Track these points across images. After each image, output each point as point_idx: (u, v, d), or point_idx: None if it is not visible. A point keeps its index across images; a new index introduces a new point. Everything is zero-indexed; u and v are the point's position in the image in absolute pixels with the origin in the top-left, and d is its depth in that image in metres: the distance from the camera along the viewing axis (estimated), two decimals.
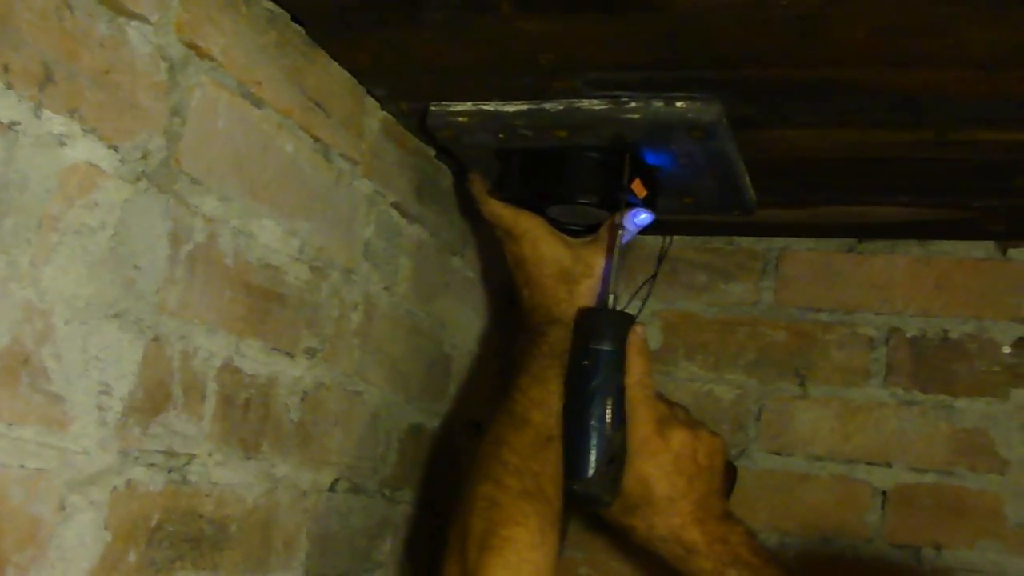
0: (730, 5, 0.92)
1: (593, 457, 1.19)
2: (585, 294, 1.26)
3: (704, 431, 1.25)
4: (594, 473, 1.18)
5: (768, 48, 0.99)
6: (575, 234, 1.31)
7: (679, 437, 1.22)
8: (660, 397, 1.26)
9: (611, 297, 1.23)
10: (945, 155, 1.20)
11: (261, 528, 1.07)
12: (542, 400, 1.19)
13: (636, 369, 1.21)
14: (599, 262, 1.26)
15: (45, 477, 0.80)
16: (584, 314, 1.24)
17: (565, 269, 1.26)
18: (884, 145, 1.19)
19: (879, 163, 1.25)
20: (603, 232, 1.28)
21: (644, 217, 1.27)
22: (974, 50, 0.95)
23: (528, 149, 1.24)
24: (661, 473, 1.21)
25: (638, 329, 1.22)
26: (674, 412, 1.25)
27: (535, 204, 1.28)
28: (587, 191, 1.24)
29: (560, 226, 1.30)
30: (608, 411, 1.19)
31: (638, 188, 1.23)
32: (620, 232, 1.22)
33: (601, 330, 1.22)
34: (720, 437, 1.27)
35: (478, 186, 1.31)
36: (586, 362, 1.21)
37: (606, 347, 1.21)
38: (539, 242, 1.28)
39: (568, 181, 1.25)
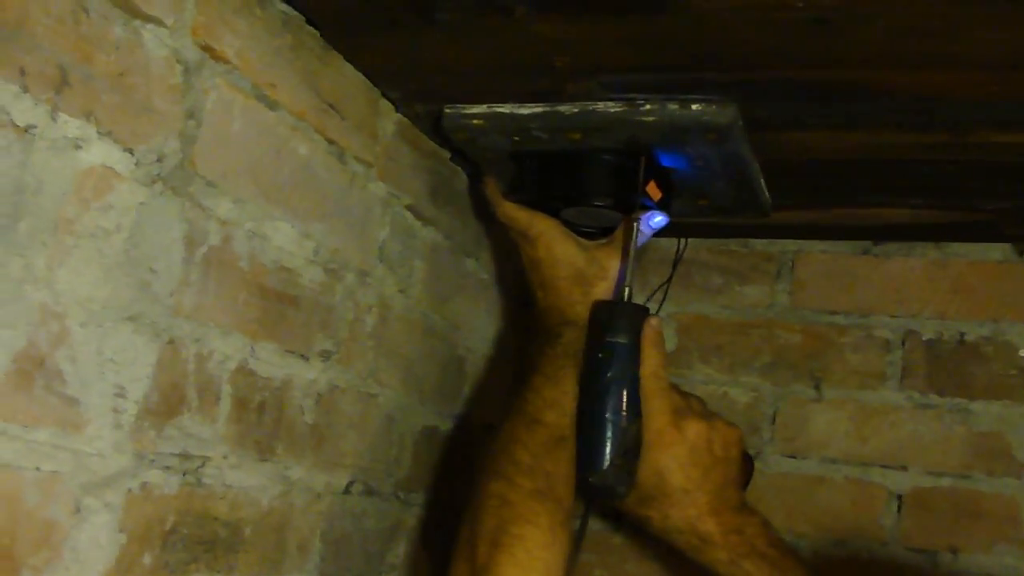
0: (745, 7, 0.92)
1: (608, 449, 1.19)
2: (600, 296, 1.26)
3: (720, 422, 1.25)
4: (609, 465, 1.18)
5: (783, 50, 0.99)
6: (589, 236, 1.30)
7: (694, 428, 1.22)
8: (675, 389, 1.26)
9: (627, 290, 1.23)
10: (960, 157, 1.19)
11: (275, 531, 1.07)
12: (555, 400, 1.19)
13: (651, 361, 1.21)
14: (614, 264, 1.26)
15: (60, 480, 0.80)
16: (599, 307, 1.24)
17: (580, 271, 1.26)
18: (899, 147, 1.19)
19: (894, 165, 1.25)
20: (618, 234, 1.27)
21: (659, 220, 1.27)
22: (989, 51, 0.95)
23: (543, 151, 1.24)
24: (676, 464, 1.21)
25: (653, 321, 1.22)
26: (689, 404, 1.25)
27: (549, 206, 1.28)
28: (602, 193, 1.24)
29: (574, 228, 1.30)
30: (623, 403, 1.19)
31: (653, 191, 1.22)
32: (636, 225, 1.22)
33: (616, 323, 1.22)
34: (736, 428, 1.27)
35: (492, 189, 1.31)
36: (601, 355, 1.21)
37: (621, 340, 1.21)
38: (554, 244, 1.27)
39: (583, 183, 1.24)
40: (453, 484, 1.44)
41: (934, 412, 1.51)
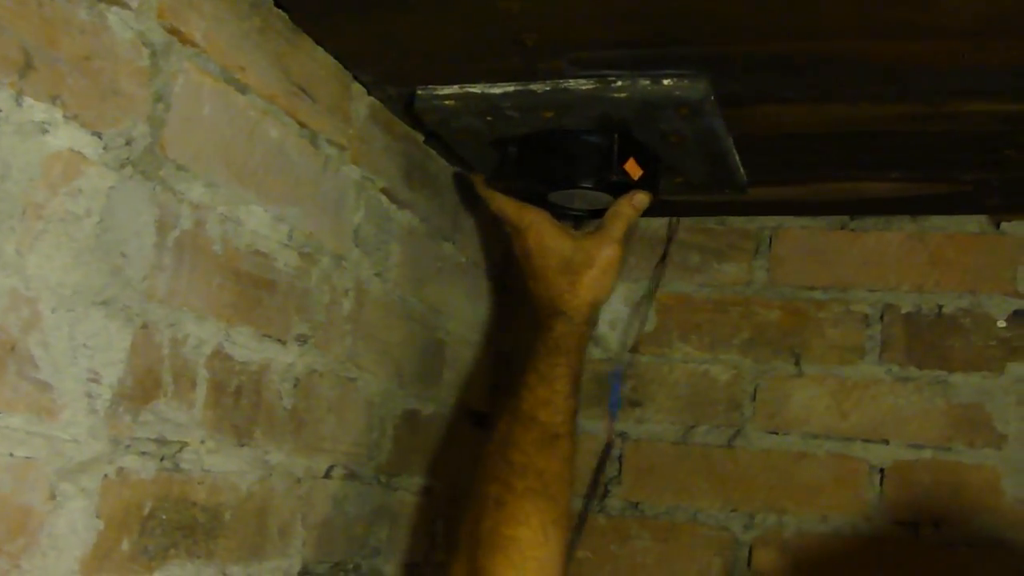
0: None
1: None
2: (587, 285, 1.26)
3: None
4: None
5: (754, 22, 0.99)
6: (579, 219, 1.31)
7: None
8: None
9: None
10: (935, 128, 1.19)
11: (256, 515, 1.07)
12: (548, 399, 1.21)
13: None
14: (601, 253, 1.26)
15: (35, 466, 0.79)
16: None
17: (567, 260, 1.27)
18: (873, 119, 1.19)
19: (869, 137, 1.25)
20: (605, 221, 1.28)
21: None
22: (961, 20, 0.95)
23: (523, 136, 1.24)
24: None
25: None
26: None
27: (535, 191, 1.28)
28: (583, 175, 1.24)
29: (564, 211, 1.30)
30: None
31: (632, 168, 1.22)
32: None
33: None
34: None
35: (482, 185, 1.32)
36: None
37: None
38: (543, 234, 1.29)
39: (563, 165, 1.24)
40: (435, 467, 1.44)
41: (914, 385, 1.52)
